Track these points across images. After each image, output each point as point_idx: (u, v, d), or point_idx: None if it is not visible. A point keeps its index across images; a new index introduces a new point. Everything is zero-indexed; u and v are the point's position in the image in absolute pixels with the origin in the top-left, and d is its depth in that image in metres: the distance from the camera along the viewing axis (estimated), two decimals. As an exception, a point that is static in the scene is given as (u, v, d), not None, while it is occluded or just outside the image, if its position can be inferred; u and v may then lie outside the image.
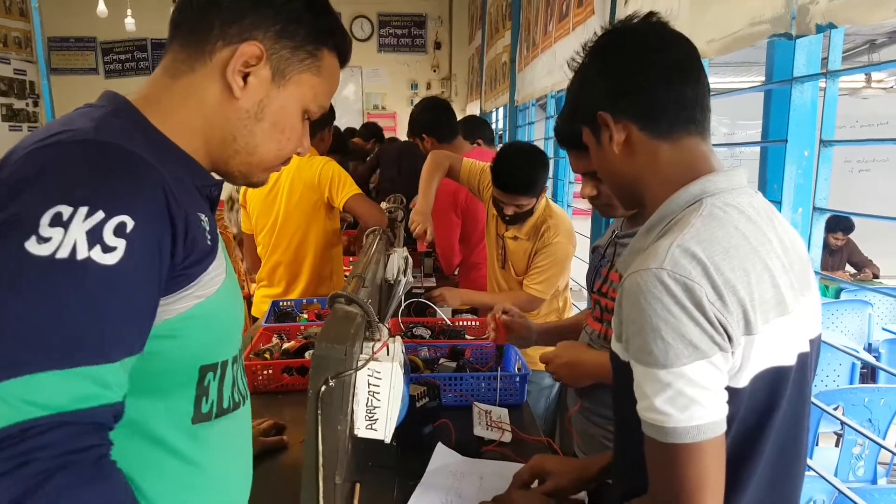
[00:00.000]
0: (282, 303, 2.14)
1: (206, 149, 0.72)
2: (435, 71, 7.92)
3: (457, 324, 1.98)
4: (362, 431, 0.90)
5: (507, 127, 4.77)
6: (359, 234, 2.73)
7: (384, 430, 0.91)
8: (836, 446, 2.72)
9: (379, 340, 0.93)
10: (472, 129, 3.07)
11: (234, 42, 0.69)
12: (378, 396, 0.90)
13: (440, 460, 1.25)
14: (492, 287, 2.26)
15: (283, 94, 0.72)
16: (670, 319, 0.66)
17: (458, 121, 2.83)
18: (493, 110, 5.77)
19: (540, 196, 1.97)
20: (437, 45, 7.86)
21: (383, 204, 2.35)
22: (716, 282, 0.68)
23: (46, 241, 0.51)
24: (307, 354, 1.66)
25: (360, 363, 0.87)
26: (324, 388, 0.78)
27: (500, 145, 3.97)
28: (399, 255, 1.64)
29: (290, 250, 2.26)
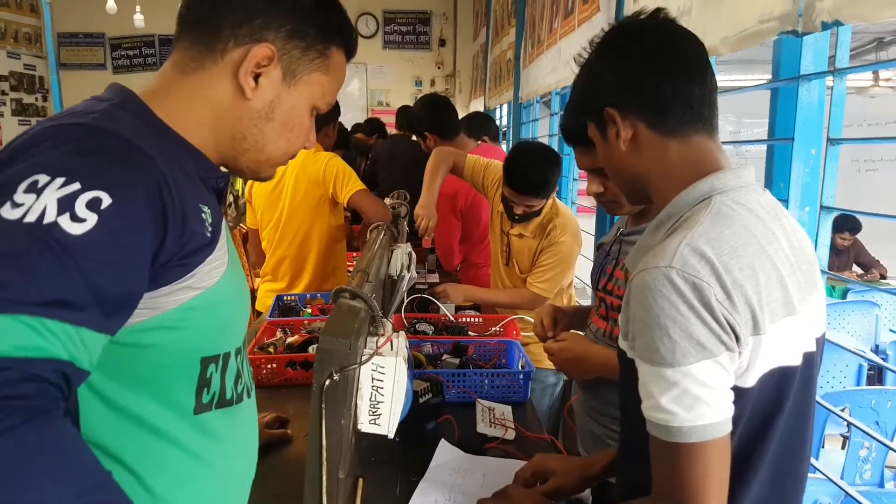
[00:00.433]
0: (286, 297, 2.14)
1: (214, 144, 0.72)
2: (439, 68, 7.91)
3: (460, 320, 1.98)
4: (366, 426, 0.90)
5: (511, 124, 4.76)
6: (362, 229, 2.73)
7: (387, 426, 0.91)
8: (842, 448, 2.70)
9: (383, 335, 0.93)
10: (478, 126, 3.07)
11: (245, 43, 0.69)
12: (382, 391, 0.90)
13: (443, 457, 1.25)
14: (495, 284, 2.26)
15: (294, 94, 0.73)
16: (678, 318, 0.66)
17: (459, 118, 2.83)
18: (496, 107, 5.76)
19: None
20: (442, 42, 7.85)
21: (387, 200, 2.35)
22: (724, 281, 0.67)
23: (19, 206, 0.52)
24: (311, 349, 1.66)
25: (364, 358, 0.87)
26: (328, 382, 0.79)
27: (514, 143, 3.97)
28: (403, 251, 1.64)
29: (295, 245, 2.27)
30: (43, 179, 0.53)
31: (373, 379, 0.90)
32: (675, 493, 0.68)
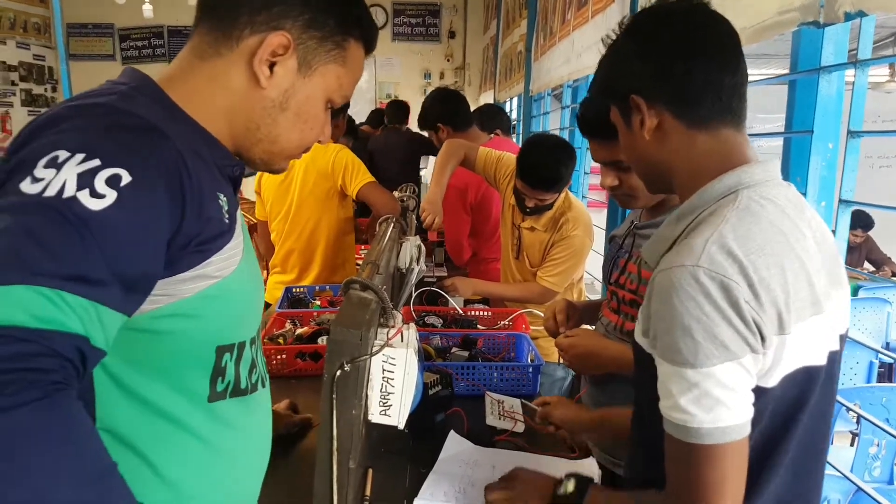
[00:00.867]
0: (294, 289, 2.14)
1: (229, 132, 0.71)
2: (449, 60, 7.87)
3: (469, 313, 1.98)
4: (376, 417, 0.90)
5: (522, 117, 4.73)
6: (371, 222, 2.72)
7: (398, 417, 0.91)
8: (852, 446, 2.69)
9: (393, 327, 0.93)
10: (489, 119, 3.04)
11: (261, 30, 0.68)
12: (392, 382, 0.90)
13: (452, 448, 1.25)
14: (505, 277, 2.25)
15: (309, 85, 0.72)
16: (703, 319, 0.65)
17: (472, 110, 2.81)
18: (506, 100, 5.73)
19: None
20: (452, 35, 7.81)
21: (396, 192, 2.34)
22: (752, 280, 0.66)
23: (39, 181, 0.52)
24: (320, 340, 1.67)
25: (375, 349, 0.86)
26: (339, 372, 0.78)
27: (525, 137, 3.95)
28: (412, 244, 1.63)
29: (304, 237, 2.27)
30: (63, 155, 0.53)
31: (383, 370, 0.89)
32: (689, 493, 0.68)
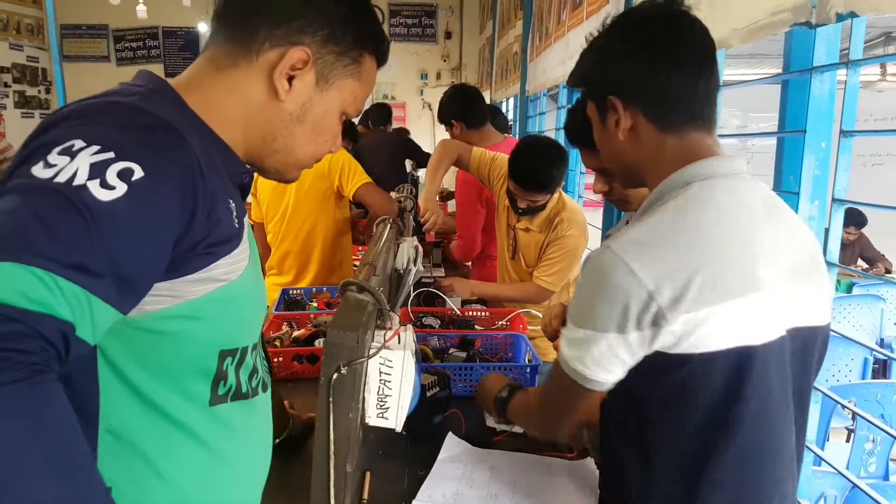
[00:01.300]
0: (291, 291, 2.14)
1: (244, 142, 0.72)
2: (445, 61, 7.87)
3: (466, 314, 1.98)
4: (373, 420, 0.90)
5: (518, 117, 4.74)
6: (368, 223, 2.72)
7: (395, 419, 0.91)
8: (847, 442, 2.70)
9: (390, 329, 0.93)
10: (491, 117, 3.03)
11: (281, 44, 0.69)
12: (389, 385, 0.90)
13: (451, 450, 1.25)
14: (502, 277, 2.25)
15: (326, 99, 0.73)
16: (585, 292, 0.76)
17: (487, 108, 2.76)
18: (502, 101, 5.74)
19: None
20: (448, 35, 7.81)
21: (393, 193, 2.34)
22: (652, 267, 0.71)
23: (51, 166, 0.52)
24: (317, 342, 1.66)
25: (372, 351, 0.86)
26: (336, 375, 0.78)
27: (520, 137, 3.95)
28: (409, 245, 1.63)
29: (300, 239, 2.26)
30: (79, 144, 0.54)
31: (381, 372, 0.90)
32: (548, 398, 0.91)
